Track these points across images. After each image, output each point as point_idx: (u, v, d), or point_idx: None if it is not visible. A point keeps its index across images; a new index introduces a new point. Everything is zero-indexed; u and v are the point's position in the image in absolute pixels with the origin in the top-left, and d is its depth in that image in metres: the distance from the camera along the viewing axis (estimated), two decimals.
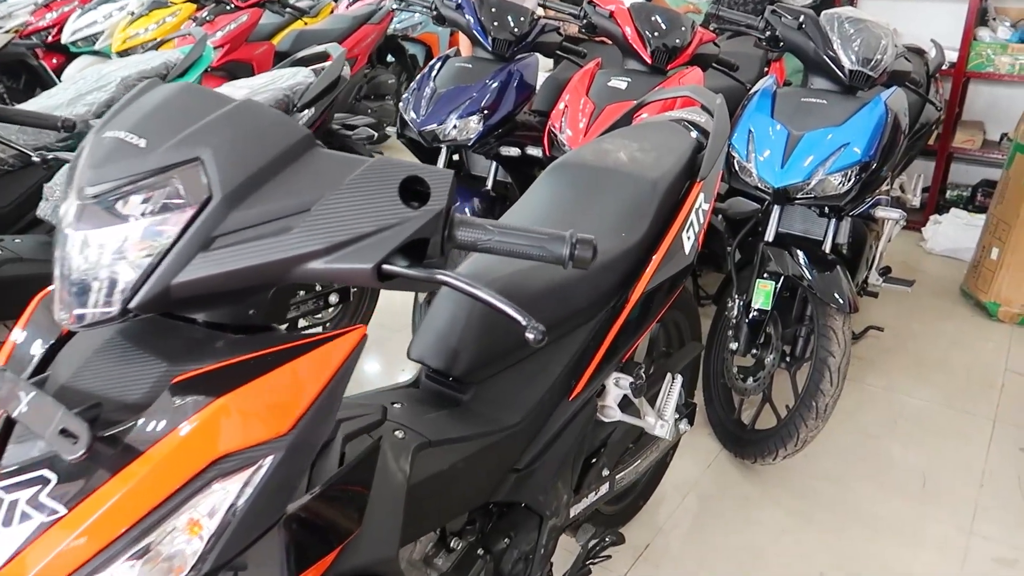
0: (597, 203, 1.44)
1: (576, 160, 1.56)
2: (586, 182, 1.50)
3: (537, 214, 1.42)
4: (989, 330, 3.24)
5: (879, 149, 2.09)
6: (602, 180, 1.50)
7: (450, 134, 2.67)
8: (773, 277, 2.21)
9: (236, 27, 4.48)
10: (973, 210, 4.22)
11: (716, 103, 1.71)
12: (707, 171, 1.57)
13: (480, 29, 2.81)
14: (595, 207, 1.43)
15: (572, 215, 1.40)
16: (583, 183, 1.50)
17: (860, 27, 2.20)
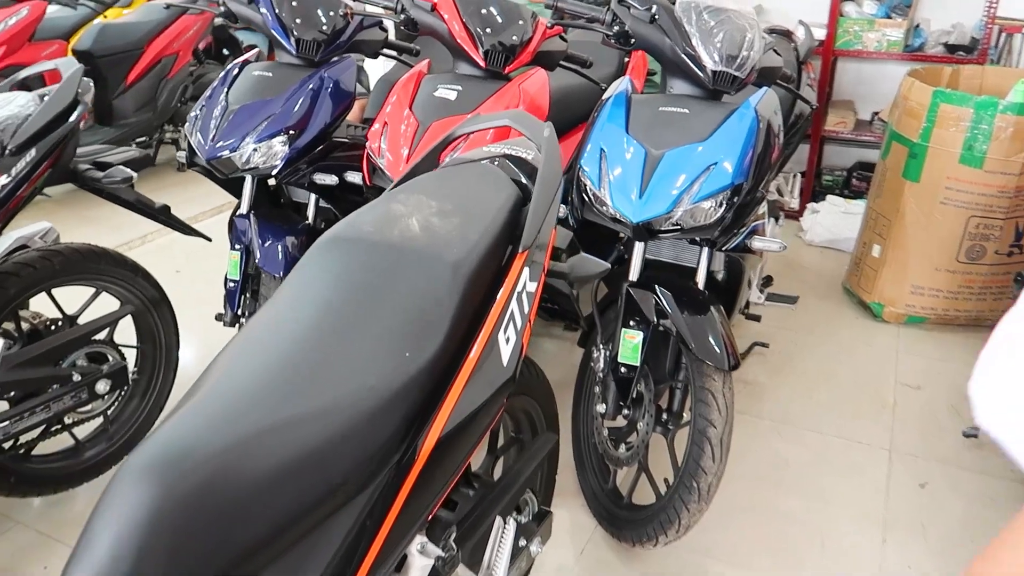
0: (373, 309, 1.00)
1: (351, 235, 1.12)
2: (361, 272, 1.06)
3: (277, 346, 0.95)
4: (876, 333, 3.03)
5: (752, 166, 1.74)
6: (383, 267, 1.06)
7: (251, 161, 2.16)
8: (640, 326, 1.84)
9: (15, 23, 3.75)
10: (849, 196, 4.05)
11: (544, 134, 1.30)
12: (532, 235, 1.17)
13: (280, 28, 2.29)
14: (369, 317, 0.99)
15: (331, 340, 0.96)
16: (356, 274, 1.05)
17: (721, 18, 1.84)
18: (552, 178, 1.24)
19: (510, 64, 2.13)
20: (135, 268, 2.05)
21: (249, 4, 2.32)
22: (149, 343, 2.16)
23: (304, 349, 0.95)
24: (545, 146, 1.28)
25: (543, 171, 1.23)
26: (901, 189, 2.92)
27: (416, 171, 1.33)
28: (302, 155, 2.21)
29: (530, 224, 1.17)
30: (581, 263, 1.37)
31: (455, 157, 1.39)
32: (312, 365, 0.93)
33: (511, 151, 1.35)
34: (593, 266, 1.36)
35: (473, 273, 1.06)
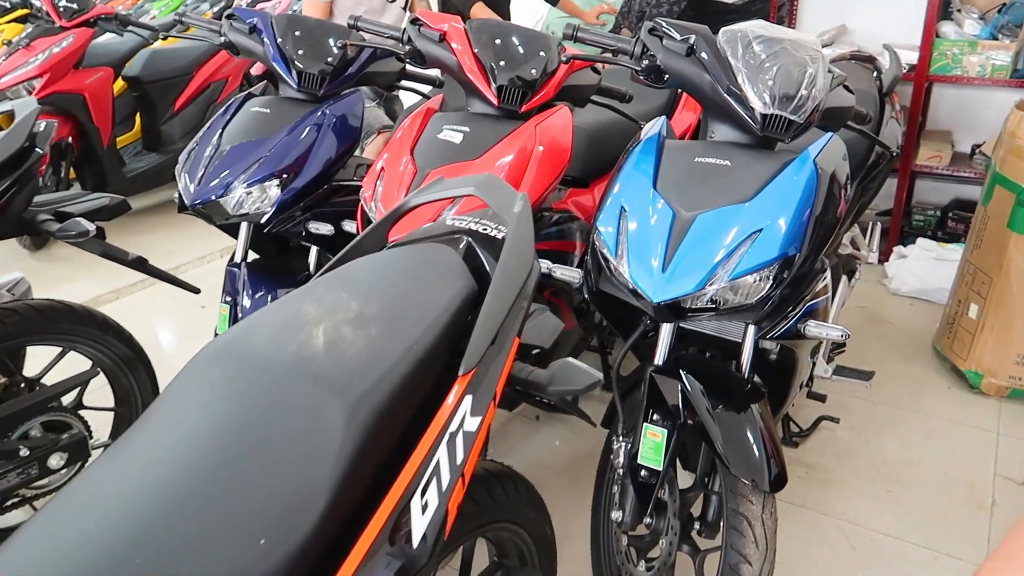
0: (240, 465, 0.73)
1: (240, 348, 0.85)
2: (239, 405, 0.79)
3: (114, 504, 0.70)
4: (971, 409, 2.58)
5: (809, 232, 1.40)
6: (265, 402, 0.79)
7: (242, 207, 1.94)
8: (665, 422, 1.52)
9: (59, 51, 3.70)
10: (943, 238, 3.57)
11: (515, 209, 1.01)
12: (479, 352, 0.87)
13: (281, 60, 2.08)
14: (234, 477, 0.72)
15: (180, 507, 0.69)
16: (233, 407, 0.78)
17: (775, 50, 1.50)
18: (517, 270, 0.95)
19: (529, 101, 1.84)
20: (105, 325, 1.85)
21: (250, 35, 2.12)
22: (125, 406, 1.96)
23: (142, 517, 0.69)
24: (514, 225, 0.98)
25: (505, 260, 0.94)
26: (1006, 242, 2.48)
27: (357, 250, 1.06)
28: (299, 199, 1.98)
29: (478, 337, 0.87)
30: (566, 372, 1.06)
31: (412, 233, 1.11)
32: (142, 543, 0.67)
33: (479, 226, 1.06)
34: (581, 377, 1.04)
35: (379, 414, 0.78)
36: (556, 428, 2.49)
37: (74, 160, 4.06)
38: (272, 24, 2.09)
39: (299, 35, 2.07)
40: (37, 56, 3.67)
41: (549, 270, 1.71)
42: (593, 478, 1.82)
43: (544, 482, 2.26)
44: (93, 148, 3.99)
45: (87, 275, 3.64)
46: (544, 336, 1.13)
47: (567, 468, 2.32)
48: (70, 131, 3.88)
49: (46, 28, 3.82)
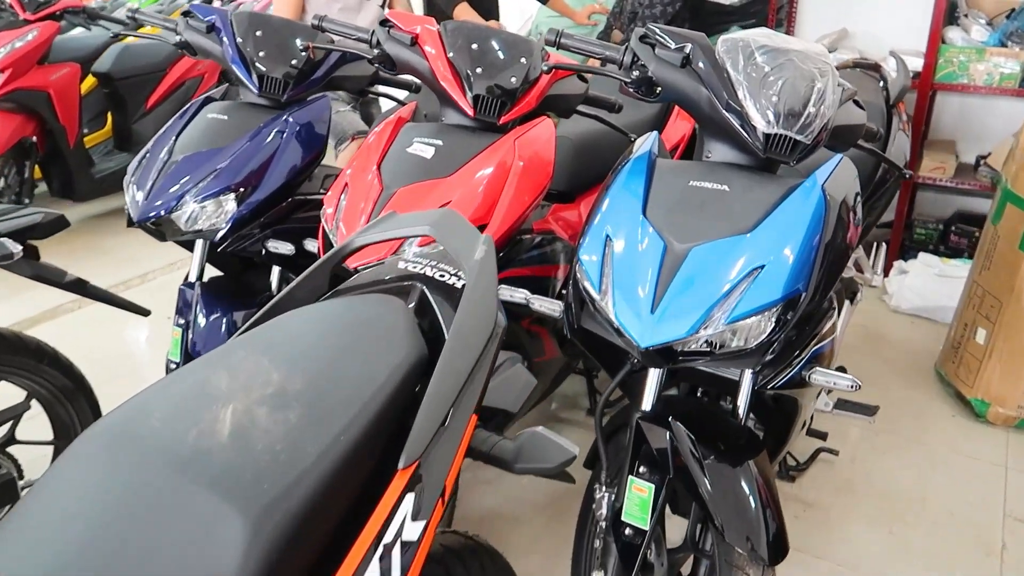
0: None
1: (130, 431, 0.69)
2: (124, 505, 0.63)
3: None
4: (978, 440, 2.43)
5: (817, 268, 1.25)
6: (154, 504, 0.63)
7: (196, 222, 1.78)
8: (652, 476, 1.36)
9: (22, 46, 3.51)
10: (946, 253, 3.43)
11: (477, 254, 0.85)
12: (422, 442, 0.71)
13: (241, 62, 1.91)
14: None
15: None
16: (114, 508, 0.63)
17: (780, 62, 1.34)
18: (475, 333, 0.78)
19: (508, 112, 1.68)
20: (39, 353, 1.69)
21: (208, 34, 1.95)
22: (64, 439, 1.79)
23: None
24: (474, 275, 0.82)
25: (461, 322, 0.78)
26: (1017, 264, 2.33)
27: (291, 299, 0.90)
28: (258, 215, 1.82)
29: (422, 421, 0.71)
30: (535, 446, 0.89)
31: (359, 276, 0.95)
32: None
33: (436, 272, 0.90)
34: (553, 453, 0.87)
35: (292, 527, 0.62)
36: None
37: (40, 160, 3.88)
38: (232, 23, 1.92)
39: (261, 35, 1.90)
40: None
41: (527, 300, 1.55)
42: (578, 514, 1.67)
43: (524, 519, 2.11)
44: (59, 148, 3.81)
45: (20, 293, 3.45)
46: (511, 398, 0.98)
47: (550, 503, 2.16)
48: (34, 130, 3.70)
49: (9, 21, 3.63)
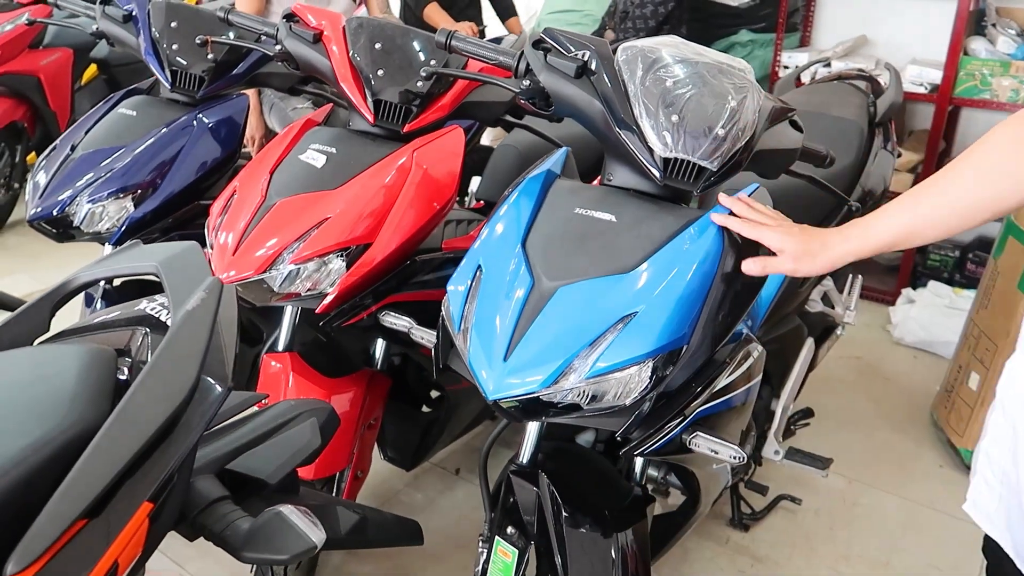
0: None
1: None
2: None
3: None
4: (963, 496, 2.18)
5: (705, 316, 1.07)
6: None
7: (93, 223, 1.68)
8: (519, 538, 1.20)
9: (12, 30, 3.48)
10: (960, 283, 3.16)
11: (189, 303, 0.70)
12: (41, 541, 0.57)
13: (154, 55, 1.80)
14: None
15: None
16: None
17: (688, 75, 1.16)
18: (155, 402, 0.64)
19: (413, 119, 1.52)
20: None
21: (125, 23, 1.84)
22: None
23: None
24: (176, 326, 0.68)
25: (134, 389, 0.64)
26: (1016, 305, 2.09)
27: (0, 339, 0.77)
28: (158, 218, 1.71)
29: (44, 521, 0.57)
30: (272, 531, 0.74)
31: (88, 319, 0.81)
32: None
33: (152, 308, 0.76)
34: (290, 542, 0.72)
35: None
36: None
37: (34, 145, 3.87)
38: (149, 13, 1.81)
39: (176, 27, 1.79)
40: None
41: (408, 330, 1.41)
42: None
43: (468, 545, 1.96)
44: (51, 133, 3.78)
45: (28, 268, 3.45)
46: (271, 468, 0.83)
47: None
48: (24, 114, 3.68)
49: (2, 4, 3.61)
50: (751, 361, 1.26)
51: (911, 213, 0.99)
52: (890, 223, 1.01)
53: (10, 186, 3.78)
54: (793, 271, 1.07)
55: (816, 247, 1.05)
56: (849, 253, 1.04)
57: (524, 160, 1.94)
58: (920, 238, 1.01)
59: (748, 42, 3.43)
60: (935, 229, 0.99)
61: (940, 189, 0.97)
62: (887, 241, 1.02)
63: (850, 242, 1.04)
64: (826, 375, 2.69)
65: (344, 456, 1.53)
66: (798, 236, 1.07)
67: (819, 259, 1.05)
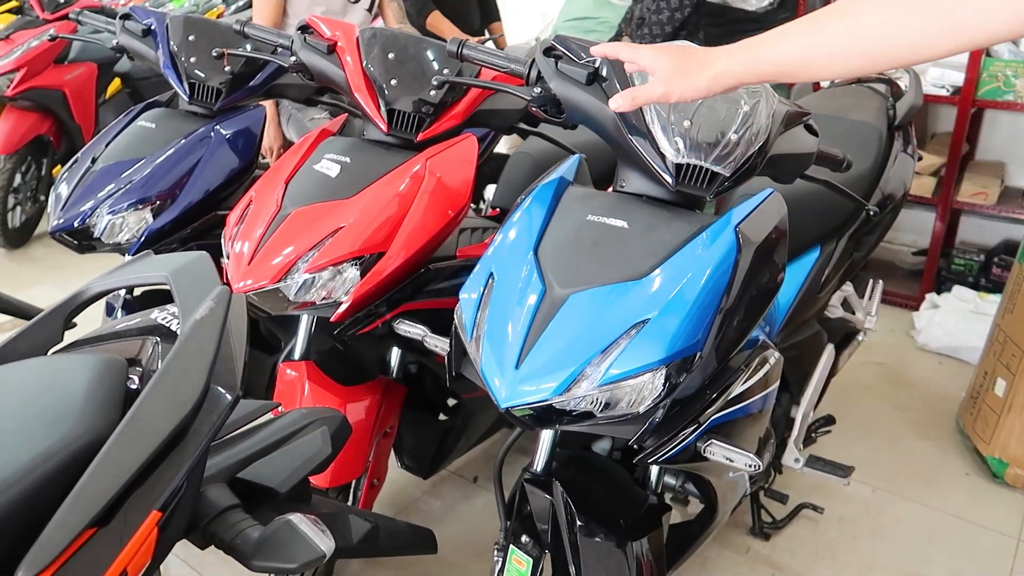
0: None
1: None
2: None
3: None
4: (990, 505, 2.15)
5: (719, 323, 1.06)
6: None
7: (113, 235, 1.70)
8: (533, 547, 1.20)
9: (38, 45, 3.55)
10: (987, 287, 3.11)
11: (198, 312, 0.70)
12: (52, 547, 0.58)
13: (173, 68, 1.83)
14: None
15: None
16: None
17: None
18: (163, 412, 0.65)
19: (427, 128, 1.53)
20: None
21: (144, 38, 1.87)
22: None
23: None
24: (185, 335, 0.68)
25: (143, 399, 0.64)
26: None
27: (13, 350, 0.78)
28: (176, 228, 1.73)
29: (54, 528, 0.58)
30: (282, 540, 0.74)
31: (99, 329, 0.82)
32: None
33: (163, 317, 0.77)
34: (299, 551, 0.72)
35: None
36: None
37: (59, 158, 3.93)
38: (167, 27, 1.83)
39: (194, 40, 1.82)
40: (15, 50, 3.53)
41: (423, 337, 1.41)
42: None
43: (486, 553, 1.95)
44: (75, 146, 3.84)
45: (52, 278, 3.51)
46: (281, 477, 0.83)
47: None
48: (49, 128, 3.75)
49: (28, 21, 3.69)
50: (768, 368, 1.25)
51: (812, 41, 0.85)
52: (785, 48, 0.87)
53: (36, 198, 3.85)
54: (665, 95, 0.94)
55: (693, 66, 0.91)
56: (730, 73, 0.90)
57: (539, 167, 1.94)
58: (816, 71, 0.87)
59: None
60: (834, 65, 0.85)
61: (852, 19, 0.82)
62: (777, 66, 0.88)
63: (732, 60, 0.90)
64: (849, 382, 2.66)
65: (359, 464, 1.53)
66: (673, 53, 0.94)
67: (695, 78, 0.91)
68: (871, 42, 0.81)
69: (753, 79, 0.91)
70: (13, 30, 3.63)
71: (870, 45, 0.81)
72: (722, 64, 0.90)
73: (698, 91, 0.93)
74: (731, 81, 0.91)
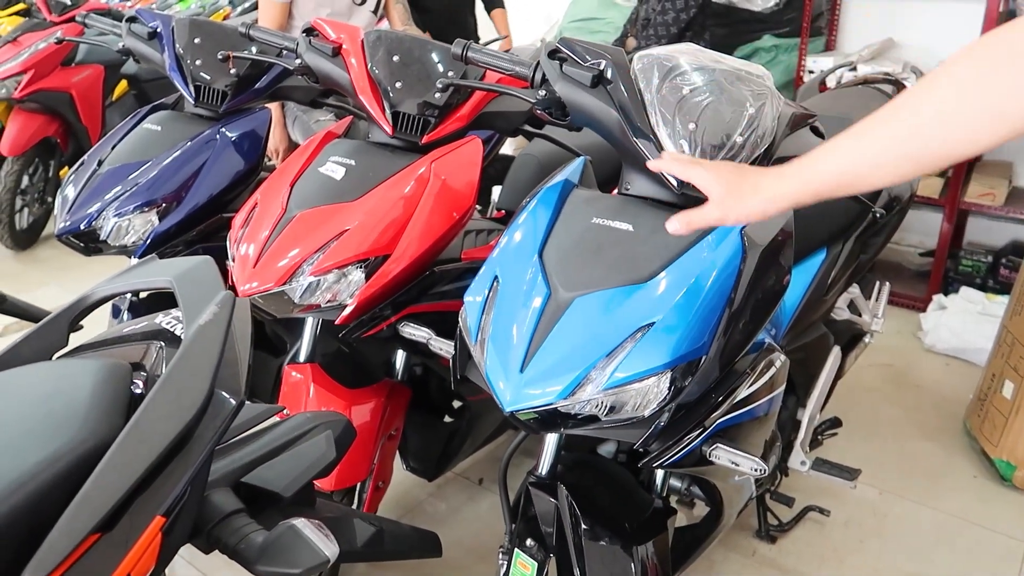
0: None
1: None
2: None
3: None
4: (997, 508, 2.14)
5: (724, 327, 1.06)
6: None
7: (119, 237, 1.71)
8: (538, 551, 1.19)
9: (45, 48, 3.56)
10: (994, 288, 3.09)
11: (202, 317, 0.70)
12: (55, 554, 0.58)
13: (178, 71, 1.83)
14: None
15: None
16: None
17: (705, 83, 1.15)
18: (166, 418, 0.65)
19: (432, 131, 1.53)
20: None
21: (150, 40, 1.88)
22: None
23: None
24: (188, 341, 0.68)
25: (147, 405, 0.64)
26: None
27: (17, 355, 0.78)
28: (182, 231, 1.73)
29: (57, 535, 0.58)
30: (286, 545, 0.74)
31: (104, 333, 0.82)
32: None
33: (168, 322, 0.77)
34: (303, 556, 0.72)
35: None
36: None
37: (66, 160, 3.95)
38: (173, 29, 1.84)
39: (199, 43, 1.82)
40: (22, 52, 3.55)
41: (427, 340, 1.41)
42: None
43: (490, 556, 1.95)
44: (83, 148, 3.86)
45: (59, 280, 3.52)
46: (285, 481, 0.83)
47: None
48: (57, 130, 3.76)
49: (36, 23, 3.70)
50: (773, 371, 1.24)
51: (859, 153, 0.83)
52: (835, 163, 0.85)
53: (43, 200, 3.86)
54: (721, 219, 0.93)
55: (747, 189, 0.90)
56: (784, 196, 0.89)
57: (544, 170, 1.93)
58: (868, 182, 0.85)
59: (772, 47, 3.40)
60: (885, 173, 0.83)
61: (896, 123, 0.80)
62: (829, 183, 0.86)
63: (784, 181, 0.89)
64: (856, 384, 2.65)
65: (364, 467, 1.53)
66: (725, 175, 0.93)
67: (749, 202, 0.90)
68: (917, 148, 0.80)
69: (809, 198, 0.89)
70: (20, 32, 3.65)
71: (917, 150, 0.80)
72: (775, 187, 0.89)
73: (753, 215, 0.92)
74: (786, 203, 0.90)
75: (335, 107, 2.01)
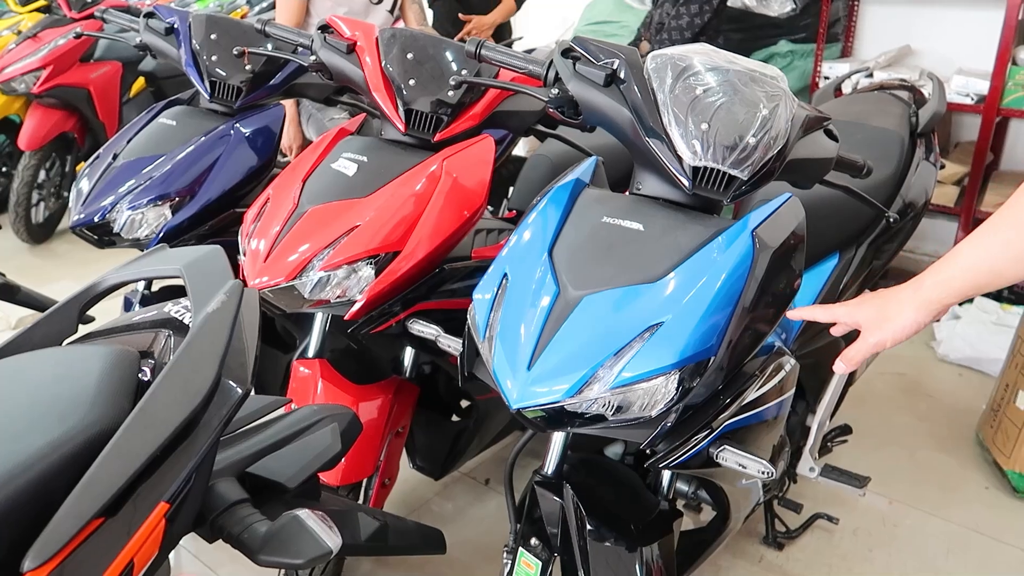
0: None
1: None
2: None
3: None
4: (1009, 520, 2.12)
5: (733, 327, 1.05)
6: None
7: (133, 230, 1.72)
8: (543, 550, 1.19)
9: (64, 43, 3.60)
10: (1009, 299, 3.06)
11: (211, 305, 0.71)
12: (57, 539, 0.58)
13: (195, 67, 1.84)
14: None
15: None
16: None
17: (719, 83, 1.14)
18: (172, 405, 0.65)
19: (444, 128, 1.53)
20: None
21: (167, 36, 1.89)
22: None
23: None
24: (195, 329, 0.69)
25: (152, 391, 0.64)
26: None
27: (28, 341, 0.78)
28: (195, 225, 1.74)
29: (61, 518, 0.58)
30: (289, 535, 0.74)
31: (114, 321, 0.83)
32: None
33: (176, 310, 0.77)
34: (307, 546, 0.72)
35: None
36: None
37: (83, 155, 3.98)
38: (190, 25, 1.85)
39: (216, 39, 1.83)
40: (41, 48, 3.59)
41: (436, 338, 1.41)
42: None
43: (496, 556, 1.95)
44: (99, 144, 3.89)
45: (74, 273, 3.55)
46: (290, 472, 0.83)
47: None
48: (74, 125, 3.80)
49: (56, 19, 3.74)
50: (783, 374, 1.23)
51: (986, 250, 0.87)
52: (965, 265, 0.89)
53: (60, 195, 3.90)
54: (881, 344, 0.98)
55: (892, 310, 0.96)
56: (929, 302, 0.93)
57: (556, 170, 1.93)
58: (1005, 277, 0.88)
59: (787, 52, 3.38)
60: (1018, 266, 0.86)
61: (1016, 218, 0.85)
62: (968, 282, 0.90)
63: (923, 291, 0.93)
64: (868, 391, 2.63)
65: (370, 463, 1.53)
66: (869, 303, 0.99)
67: (900, 320, 0.95)
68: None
69: (953, 299, 0.93)
70: (40, 28, 3.69)
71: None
72: (916, 299, 0.94)
73: (908, 331, 0.96)
74: (936, 308, 0.94)
75: (349, 105, 2.02)
